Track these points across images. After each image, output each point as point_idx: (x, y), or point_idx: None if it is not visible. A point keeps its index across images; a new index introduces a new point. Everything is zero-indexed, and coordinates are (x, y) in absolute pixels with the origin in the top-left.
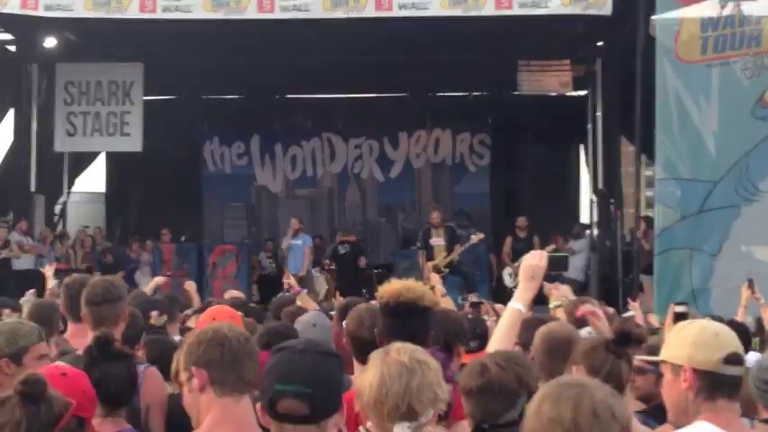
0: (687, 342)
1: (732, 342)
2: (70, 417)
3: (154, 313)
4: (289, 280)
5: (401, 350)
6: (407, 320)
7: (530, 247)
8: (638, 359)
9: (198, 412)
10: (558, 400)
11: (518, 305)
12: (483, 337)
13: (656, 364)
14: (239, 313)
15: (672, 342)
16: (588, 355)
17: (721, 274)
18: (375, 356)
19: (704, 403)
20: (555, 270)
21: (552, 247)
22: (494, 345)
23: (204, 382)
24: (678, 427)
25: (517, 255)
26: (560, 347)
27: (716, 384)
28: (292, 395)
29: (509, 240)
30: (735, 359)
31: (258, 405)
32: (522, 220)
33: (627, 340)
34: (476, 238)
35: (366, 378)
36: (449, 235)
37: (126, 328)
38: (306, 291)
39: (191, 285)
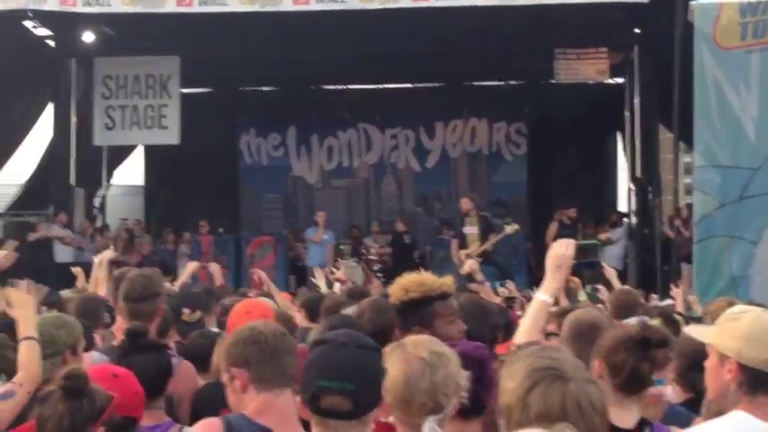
0: (738, 334)
1: None
2: (112, 410)
3: (185, 311)
4: (336, 274)
5: (418, 344)
6: (416, 315)
7: (575, 234)
8: (689, 330)
9: (243, 410)
10: (546, 394)
11: (544, 296)
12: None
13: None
14: (273, 307)
15: (723, 329)
16: (609, 354)
17: (762, 261)
18: (393, 353)
19: (745, 396)
20: (584, 259)
21: (606, 235)
22: (521, 336)
23: (245, 382)
24: (717, 408)
25: None
26: (587, 333)
27: (760, 381)
28: (336, 391)
29: (555, 226)
30: None
31: (298, 399)
32: (572, 211)
33: (647, 344)
34: (510, 228)
35: (389, 376)
36: (483, 224)
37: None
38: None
39: (215, 267)
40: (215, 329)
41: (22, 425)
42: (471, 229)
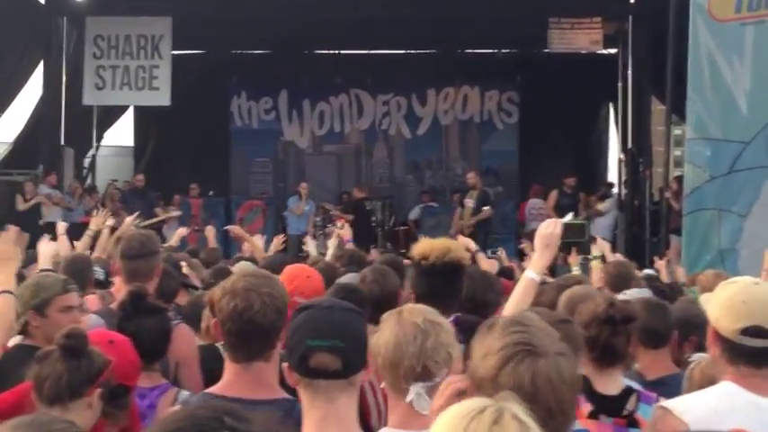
0: (719, 303)
1: (761, 311)
2: (110, 373)
3: (183, 263)
4: (342, 231)
5: (414, 311)
6: (452, 279)
7: (576, 203)
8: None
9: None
10: (516, 372)
11: (532, 274)
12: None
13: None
14: (315, 272)
15: (714, 296)
16: (584, 330)
17: (750, 234)
18: (389, 318)
19: (728, 366)
20: (571, 238)
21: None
22: (507, 312)
23: (220, 337)
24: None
25: (563, 210)
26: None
27: (735, 352)
28: (326, 350)
29: (554, 194)
30: (754, 332)
31: (285, 365)
32: (570, 181)
33: (613, 322)
34: (485, 213)
35: (381, 339)
36: (479, 199)
37: (160, 283)
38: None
39: (210, 231)
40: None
41: (20, 384)
42: (469, 202)
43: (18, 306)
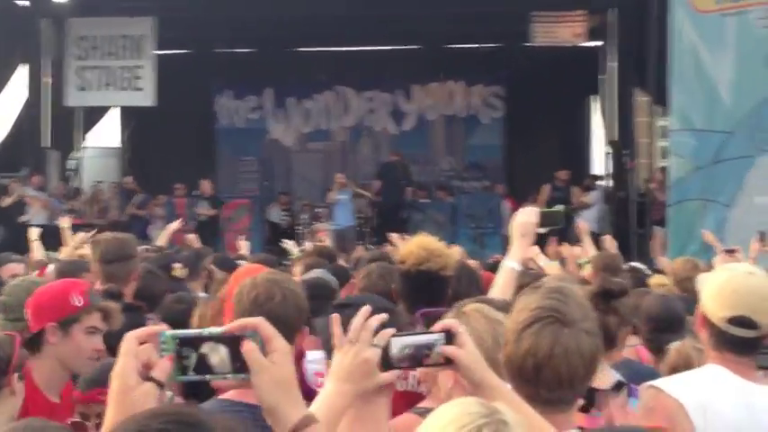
0: (711, 288)
1: (749, 302)
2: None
3: (177, 265)
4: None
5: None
6: (427, 286)
7: (567, 196)
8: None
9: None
10: (538, 334)
11: (512, 263)
12: None
13: None
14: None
15: (707, 280)
16: None
17: (735, 224)
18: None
19: (713, 351)
20: (548, 226)
21: (583, 199)
22: None
23: None
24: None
25: (555, 203)
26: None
27: (721, 339)
28: None
29: (547, 188)
30: (741, 321)
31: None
32: (562, 174)
33: (609, 296)
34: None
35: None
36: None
37: (145, 285)
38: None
39: (192, 239)
40: (202, 294)
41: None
42: None
43: (17, 312)
